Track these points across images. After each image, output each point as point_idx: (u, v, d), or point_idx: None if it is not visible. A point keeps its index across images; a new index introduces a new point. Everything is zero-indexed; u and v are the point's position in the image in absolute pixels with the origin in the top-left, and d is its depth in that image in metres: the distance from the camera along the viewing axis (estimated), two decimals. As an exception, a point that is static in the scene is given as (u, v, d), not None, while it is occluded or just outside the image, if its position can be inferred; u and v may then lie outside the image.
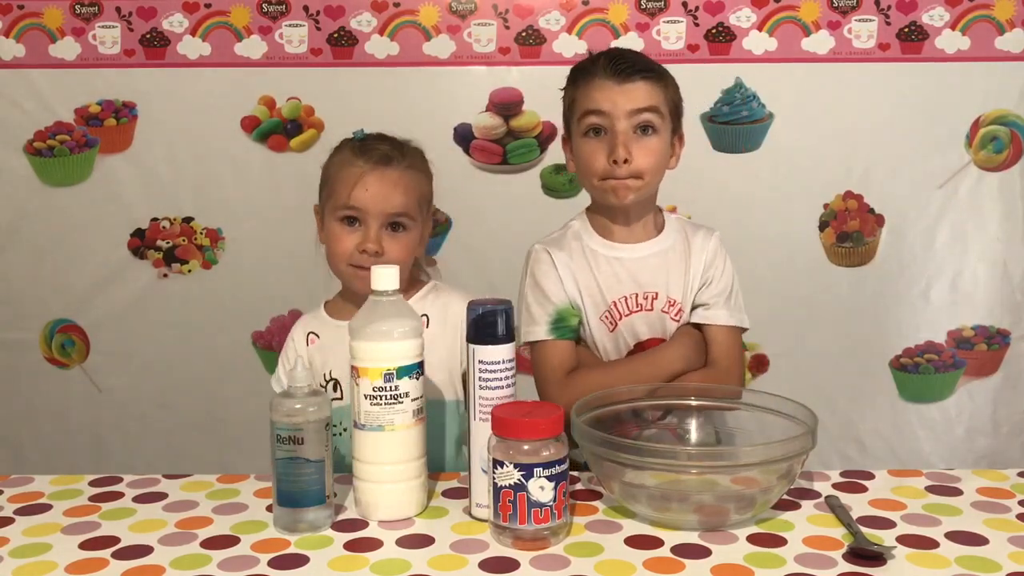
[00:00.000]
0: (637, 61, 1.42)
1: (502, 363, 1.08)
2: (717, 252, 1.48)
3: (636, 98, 1.39)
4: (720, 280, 1.47)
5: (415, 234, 1.39)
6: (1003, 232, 2.38)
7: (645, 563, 0.97)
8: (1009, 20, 2.31)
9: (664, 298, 1.45)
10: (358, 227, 1.36)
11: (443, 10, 2.30)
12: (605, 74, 1.40)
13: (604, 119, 1.40)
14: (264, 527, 1.07)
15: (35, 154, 2.36)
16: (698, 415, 1.26)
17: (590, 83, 1.42)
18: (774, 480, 1.06)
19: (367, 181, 1.35)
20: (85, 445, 2.44)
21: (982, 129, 2.34)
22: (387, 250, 1.35)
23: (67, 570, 0.98)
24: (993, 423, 2.44)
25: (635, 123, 1.39)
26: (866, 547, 0.99)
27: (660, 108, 1.41)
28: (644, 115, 1.39)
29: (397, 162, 1.37)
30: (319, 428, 1.06)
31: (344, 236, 1.36)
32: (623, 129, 1.39)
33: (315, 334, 1.43)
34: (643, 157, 1.39)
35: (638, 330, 1.45)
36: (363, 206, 1.35)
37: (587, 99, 1.41)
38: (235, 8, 2.30)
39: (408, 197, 1.36)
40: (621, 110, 1.38)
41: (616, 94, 1.39)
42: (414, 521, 1.09)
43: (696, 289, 1.47)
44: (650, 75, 1.41)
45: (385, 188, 1.35)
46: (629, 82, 1.39)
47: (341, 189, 1.36)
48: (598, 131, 1.41)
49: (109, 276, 2.40)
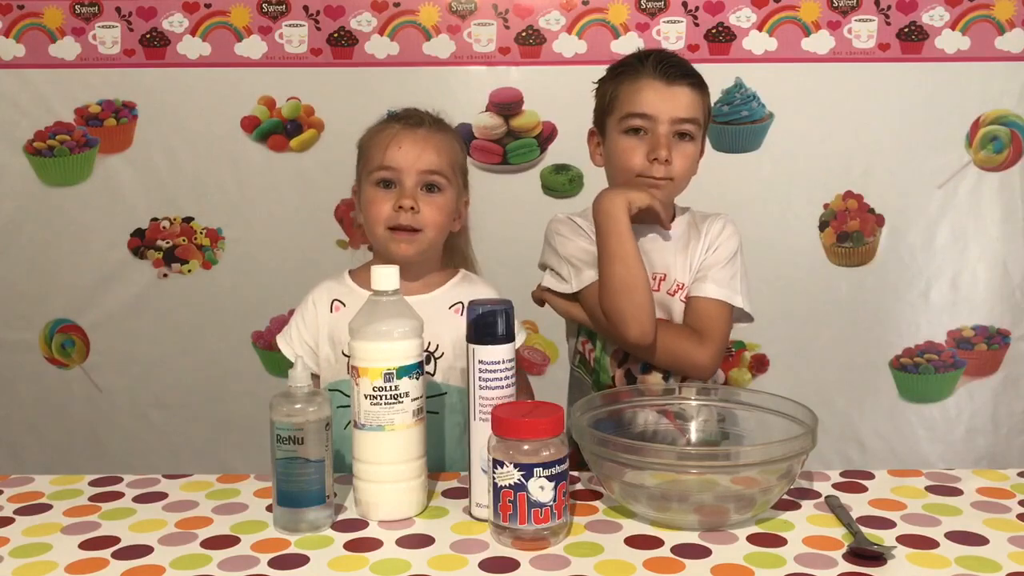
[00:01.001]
0: (684, 65, 1.45)
1: (502, 363, 1.08)
2: (722, 230, 1.50)
3: (680, 106, 1.42)
4: (718, 252, 1.48)
5: (450, 197, 1.39)
6: (1003, 232, 2.38)
7: (645, 563, 0.97)
8: (1009, 20, 2.31)
9: (672, 280, 1.47)
10: (394, 189, 1.37)
11: (443, 10, 2.30)
12: (653, 75, 1.42)
13: (647, 121, 1.42)
14: (264, 527, 1.07)
15: (35, 154, 2.36)
16: (704, 411, 1.26)
17: (637, 82, 1.43)
18: (774, 480, 1.06)
19: (400, 139, 1.37)
20: (85, 445, 2.44)
21: (982, 129, 2.34)
22: (423, 210, 1.35)
23: (67, 570, 0.97)
24: (993, 423, 2.44)
25: (676, 129, 1.42)
26: (866, 547, 0.98)
27: (699, 119, 1.45)
28: (685, 125, 1.43)
29: (429, 124, 1.40)
30: (319, 428, 1.06)
31: (380, 199, 1.37)
32: (664, 132, 1.41)
33: (341, 302, 1.40)
34: (680, 160, 1.43)
35: None
36: (397, 164, 1.36)
37: (632, 100, 1.43)
38: (235, 8, 2.31)
39: (441, 157, 1.38)
40: (666, 115, 1.41)
41: (663, 97, 1.41)
42: (414, 521, 1.09)
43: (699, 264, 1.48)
44: (695, 81, 1.44)
45: (418, 146, 1.37)
46: (676, 85, 1.42)
47: (375, 152, 1.38)
48: (638, 131, 1.43)
49: (109, 276, 2.40)
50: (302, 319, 1.42)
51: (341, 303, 1.40)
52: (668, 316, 1.47)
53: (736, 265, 1.48)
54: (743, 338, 2.40)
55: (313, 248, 2.33)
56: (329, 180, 2.30)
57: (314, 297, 1.43)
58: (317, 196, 2.34)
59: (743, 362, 2.43)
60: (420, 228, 1.35)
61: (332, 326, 1.39)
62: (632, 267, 1.38)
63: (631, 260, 1.38)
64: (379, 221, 1.36)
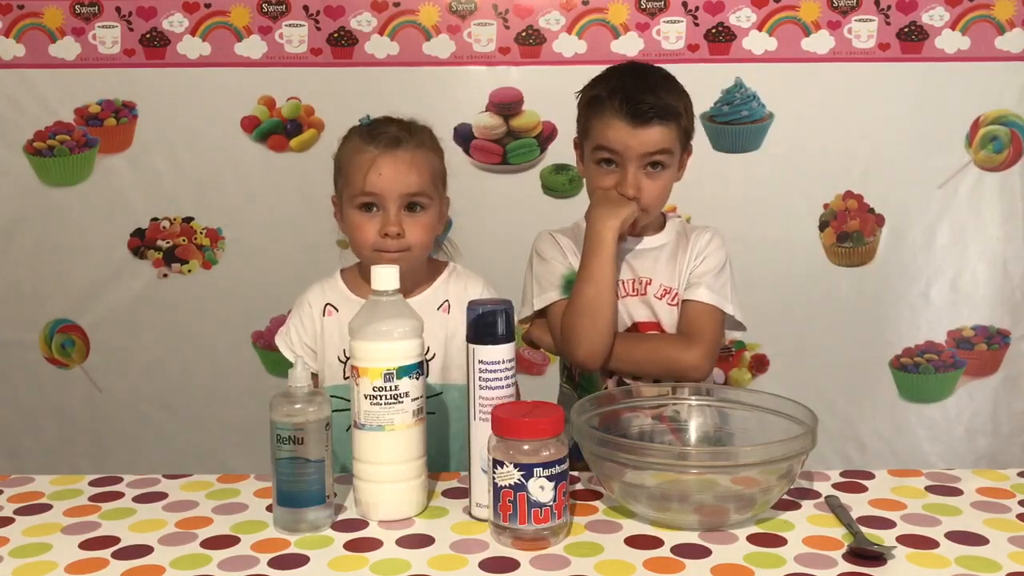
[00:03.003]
0: (654, 103, 1.40)
1: (502, 363, 1.08)
2: (710, 241, 1.50)
3: (649, 142, 1.40)
4: (708, 261, 1.48)
5: (433, 213, 1.40)
6: (1003, 232, 2.38)
7: (645, 563, 0.97)
8: (1009, 20, 2.31)
9: (658, 284, 1.48)
10: (376, 212, 1.36)
11: (443, 10, 2.30)
12: (620, 116, 1.40)
13: (616, 155, 1.42)
14: (264, 527, 1.07)
15: (35, 154, 2.36)
16: (700, 413, 1.26)
17: (604, 119, 1.42)
18: (774, 480, 1.06)
19: (380, 165, 1.35)
20: (85, 445, 2.44)
21: (982, 129, 2.34)
22: (407, 231, 1.35)
23: (67, 570, 0.98)
24: (993, 423, 2.44)
25: (646, 162, 1.42)
26: (866, 547, 0.99)
27: (672, 148, 1.43)
28: (655, 156, 1.42)
29: (407, 143, 1.38)
30: (319, 428, 1.06)
31: (364, 224, 1.37)
32: (633, 170, 1.41)
33: (333, 307, 1.42)
34: (650, 191, 1.42)
35: (633, 312, 1.48)
36: (379, 191, 1.35)
37: (600, 135, 1.42)
38: (235, 8, 2.31)
39: (422, 176, 1.37)
40: (634, 152, 1.40)
41: (629, 137, 1.40)
42: (414, 521, 1.09)
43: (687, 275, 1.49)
44: (665, 118, 1.40)
45: (398, 170, 1.35)
46: (644, 127, 1.39)
47: (355, 177, 1.37)
48: (609, 161, 1.43)
49: (109, 276, 2.40)
50: (299, 320, 1.43)
51: (334, 308, 1.41)
52: (655, 318, 1.48)
53: (726, 275, 1.49)
54: (743, 338, 2.40)
55: (313, 248, 2.32)
56: (329, 180, 2.28)
57: (309, 298, 1.44)
58: (317, 196, 2.31)
59: (743, 362, 2.43)
60: (407, 248, 1.36)
61: (325, 329, 1.40)
62: (603, 292, 1.39)
63: (605, 286, 1.39)
64: (365, 245, 1.37)
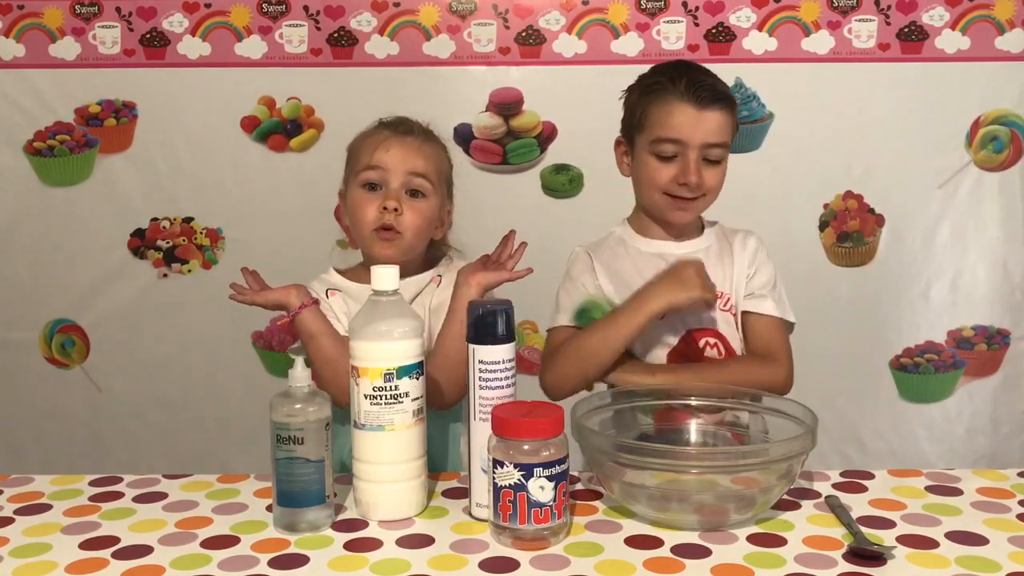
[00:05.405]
0: (715, 86, 1.43)
1: (502, 363, 1.08)
2: (758, 249, 1.52)
3: (710, 131, 1.41)
4: (763, 272, 1.50)
5: (432, 204, 1.42)
6: (1003, 232, 2.38)
7: (645, 563, 0.97)
8: (1009, 20, 2.31)
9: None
10: (379, 192, 1.40)
11: (443, 10, 2.30)
12: (685, 98, 1.40)
13: (677, 146, 1.41)
14: (264, 527, 1.07)
15: (35, 154, 2.36)
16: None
17: (666, 105, 1.41)
18: (774, 480, 1.06)
19: (389, 143, 1.40)
20: (85, 445, 2.44)
21: (982, 129, 2.34)
22: (404, 213, 1.38)
23: (67, 570, 0.98)
24: (993, 423, 2.44)
25: (705, 154, 1.42)
26: (866, 547, 0.99)
27: (728, 142, 1.44)
28: (714, 150, 1.42)
29: (418, 132, 1.44)
30: (319, 428, 1.06)
31: (366, 202, 1.40)
32: (694, 158, 1.41)
33: (336, 289, 1.46)
34: (712, 179, 1.43)
35: (687, 318, 1.46)
36: (384, 164, 1.39)
37: (663, 123, 1.41)
38: (235, 8, 2.31)
39: (428, 163, 1.41)
40: (696, 141, 1.40)
41: (694, 122, 1.40)
42: (414, 521, 1.09)
43: (743, 283, 1.49)
44: (726, 103, 1.42)
45: (406, 150, 1.40)
46: (708, 110, 1.40)
47: (364, 155, 1.42)
48: (668, 153, 1.42)
49: (109, 276, 2.40)
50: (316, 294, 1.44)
51: (336, 290, 1.46)
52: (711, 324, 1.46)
53: (779, 283, 1.51)
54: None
55: (313, 248, 2.29)
56: (329, 180, 2.25)
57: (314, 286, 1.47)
58: (317, 196, 2.33)
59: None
60: (401, 231, 1.38)
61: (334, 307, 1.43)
62: (610, 347, 1.39)
63: (613, 342, 1.39)
64: (365, 223, 1.40)
